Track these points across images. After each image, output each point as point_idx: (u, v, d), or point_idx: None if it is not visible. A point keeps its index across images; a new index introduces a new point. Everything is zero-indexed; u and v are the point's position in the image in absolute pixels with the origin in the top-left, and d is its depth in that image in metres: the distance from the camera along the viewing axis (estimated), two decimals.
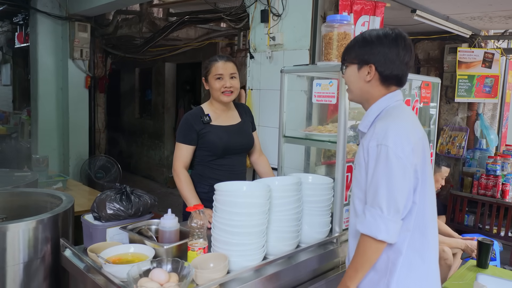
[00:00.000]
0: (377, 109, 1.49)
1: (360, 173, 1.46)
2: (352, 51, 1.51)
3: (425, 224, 1.43)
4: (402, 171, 1.34)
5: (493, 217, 4.54)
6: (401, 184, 1.34)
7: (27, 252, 1.80)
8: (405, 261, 1.41)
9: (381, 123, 1.42)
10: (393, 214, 1.34)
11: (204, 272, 1.43)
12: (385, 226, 1.33)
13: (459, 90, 4.86)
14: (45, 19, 5.39)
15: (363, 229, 1.37)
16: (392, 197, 1.34)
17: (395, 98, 1.50)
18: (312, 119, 2.89)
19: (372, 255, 1.38)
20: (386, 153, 1.34)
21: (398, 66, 1.45)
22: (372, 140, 1.39)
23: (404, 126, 1.40)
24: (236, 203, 1.55)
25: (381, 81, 1.48)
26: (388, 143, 1.35)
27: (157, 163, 8.02)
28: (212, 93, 2.22)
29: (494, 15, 4.12)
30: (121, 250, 1.58)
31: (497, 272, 2.44)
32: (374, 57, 1.45)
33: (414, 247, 1.41)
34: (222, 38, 6.16)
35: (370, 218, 1.36)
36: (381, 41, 1.44)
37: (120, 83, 8.93)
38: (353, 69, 1.51)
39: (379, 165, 1.36)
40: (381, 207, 1.34)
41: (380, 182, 1.35)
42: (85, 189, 3.95)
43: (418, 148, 1.40)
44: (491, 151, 5.01)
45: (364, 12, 3.02)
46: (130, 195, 1.83)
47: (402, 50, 1.44)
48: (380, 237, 1.33)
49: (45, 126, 5.59)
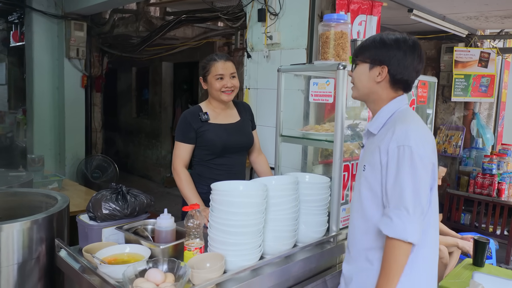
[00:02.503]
0: (388, 111, 1.51)
1: (375, 175, 1.45)
2: (366, 50, 1.51)
3: (430, 224, 1.44)
4: (425, 171, 1.37)
5: (489, 215, 4.55)
6: (424, 184, 1.37)
7: (22, 253, 1.78)
8: (413, 256, 1.41)
9: (400, 125, 1.42)
10: (418, 215, 1.34)
11: (200, 272, 1.42)
12: (413, 227, 1.33)
13: (456, 90, 4.88)
14: (41, 17, 5.36)
15: (392, 233, 1.34)
16: (418, 197, 1.34)
17: (404, 101, 1.53)
18: (309, 118, 2.89)
19: (403, 259, 1.36)
20: (410, 154, 1.35)
21: (410, 73, 1.47)
22: (392, 142, 1.39)
23: (422, 127, 1.44)
24: (233, 202, 1.54)
25: (390, 84, 1.49)
26: (411, 143, 1.36)
27: (154, 162, 8.00)
28: (211, 93, 2.21)
29: (490, 15, 4.13)
30: (116, 250, 1.57)
31: (493, 270, 2.45)
32: (389, 60, 1.45)
33: (419, 246, 1.41)
34: (219, 37, 6.15)
35: (398, 220, 1.33)
36: (399, 45, 1.45)
37: (117, 82, 8.90)
38: (364, 68, 1.51)
39: (402, 166, 1.36)
40: (407, 208, 1.33)
41: (405, 183, 1.34)
42: (81, 189, 3.93)
43: (435, 149, 1.44)
44: (487, 150, 5.03)
45: (361, 12, 3.03)
46: (126, 194, 1.82)
47: (417, 58, 1.47)
48: (410, 239, 1.32)
49: (41, 126, 5.55)
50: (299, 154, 3.02)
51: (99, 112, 6.42)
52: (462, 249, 3.00)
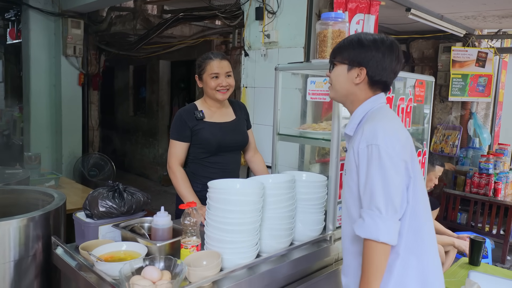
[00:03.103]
0: (362, 111, 1.49)
1: (352, 178, 1.43)
2: (344, 51, 1.49)
3: (419, 224, 1.40)
4: (395, 169, 1.33)
5: (485, 215, 4.57)
6: (396, 183, 1.33)
7: (18, 250, 1.78)
8: (402, 263, 1.38)
9: (369, 124, 1.40)
10: (391, 214, 1.31)
11: (197, 270, 1.42)
12: (385, 227, 1.30)
13: (453, 89, 4.89)
14: (38, 15, 5.34)
15: (364, 233, 1.32)
16: (389, 196, 1.31)
17: (379, 100, 1.50)
18: (307, 117, 2.89)
19: (380, 260, 1.32)
20: (378, 153, 1.33)
21: (388, 74, 1.46)
22: (362, 142, 1.38)
23: (392, 125, 1.40)
24: (230, 200, 1.54)
25: (369, 85, 1.47)
26: (379, 142, 1.33)
27: (151, 161, 7.98)
28: (206, 91, 2.20)
29: (488, 15, 4.14)
30: (113, 248, 1.57)
31: (488, 269, 2.46)
32: (367, 61, 1.43)
33: (409, 248, 1.39)
34: (217, 35, 6.14)
35: (370, 220, 1.31)
36: (377, 46, 1.43)
37: (114, 80, 8.88)
38: (342, 69, 1.49)
39: (372, 166, 1.34)
40: (379, 208, 1.31)
41: (375, 182, 1.32)
42: (78, 187, 3.92)
43: (407, 146, 1.39)
44: (484, 149, 5.04)
45: (359, 10, 3.02)
46: (123, 192, 1.81)
47: (395, 59, 1.44)
48: (382, 239, 1.29)
49: (38, 124, 5.54)
50: (296, 152, 3.03)
51: (96, 110, 6.40)
52: (458, 248, 3.01)
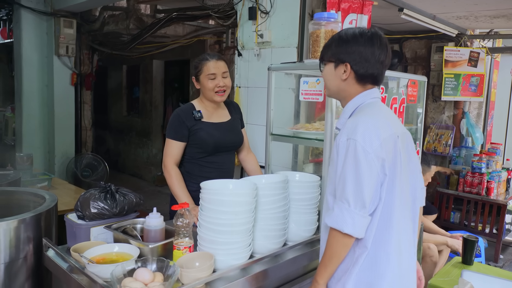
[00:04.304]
0: (352, 106, 1.51)
1: (333, 169, 1.46)
2: (329, 49, 1.52)
3: (391, 221, 1.41)
4: (369, 166, 1.35)
5: (478, 214, 4.60)
6: (368, 179, 1.35)
7: (9, 252, 1.76)
8: (369, 256, 1.40)
9: (353, 118, 1.44)
10: (359, 208, 1.34)
11: (189, 271, 1.42)
12: (351, 219, 1.34)
13: (446, 89, 4.91)
14: (30, 14, 5.29)
15: (330, 222, 1.37)
16: (359, 191, 1.34)
17: (371, 95, 1.51)
18: (300, 117, 2.89)
19: (339, 249, 1.38)
20: (354, 147, 1.35)
21: (374, 65, 1.46)
22: (343, 135, 1.41)
23: (375, 122, 1.41)
24: (223, 201, 1.54)
25: (357, 80, 1.49)
26: (357, 137, 1.35)
27: (145, 161, 7.95)
28: (204, 93, 2.20)
29: (479, 15, 4.17)
30: (105, 249, 1.56)
31: (482, 268, 2.48)
32: (349, 56, 1.46)
33: (379, 243, 1.40)
34: (210, 35, 6.12)
35: (338, 211, 1.36)
36: (357, 40, 1.45)
37: (107, 80, 8.82)
38: (330, 67, 1.53)
39: (347, 159, 1.37)
40: (348, 201, 1.34)
41: (348, 176, 1.36)
42: (71, 188, 3.89)
43: (388, 144, 1.39)
44: (476, 149, 5.07)
45: (352, 10, 3.03)
46: (115, 193, 1.80)
47: (377, 49, 1.45)
48: (346, 230, 1.34)
49: (30, 124, 5.48)
50: (289, 152, 3.02)
51: (89, 110, 6.36)
52: (451, 247, 3.02)
